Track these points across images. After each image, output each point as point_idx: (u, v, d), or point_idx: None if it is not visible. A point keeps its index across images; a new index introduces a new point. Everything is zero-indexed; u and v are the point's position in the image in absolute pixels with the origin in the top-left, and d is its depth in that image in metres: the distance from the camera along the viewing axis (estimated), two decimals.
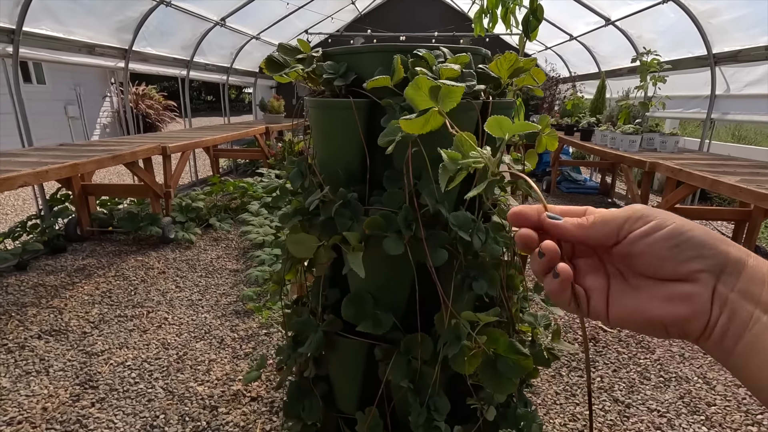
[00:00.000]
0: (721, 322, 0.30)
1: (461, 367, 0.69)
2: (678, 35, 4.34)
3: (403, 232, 0.72)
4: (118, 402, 1.83)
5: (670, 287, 0.32)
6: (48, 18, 3.42)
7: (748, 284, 0.30)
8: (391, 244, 0.71)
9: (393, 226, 0.72)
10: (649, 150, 3.98)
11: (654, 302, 0.32)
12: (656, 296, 0.32)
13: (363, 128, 0.78)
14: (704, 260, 0.31)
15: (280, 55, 0.86)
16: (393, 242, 0.71)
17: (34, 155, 2.95)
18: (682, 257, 0.31)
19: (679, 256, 0.31)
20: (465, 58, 0.70)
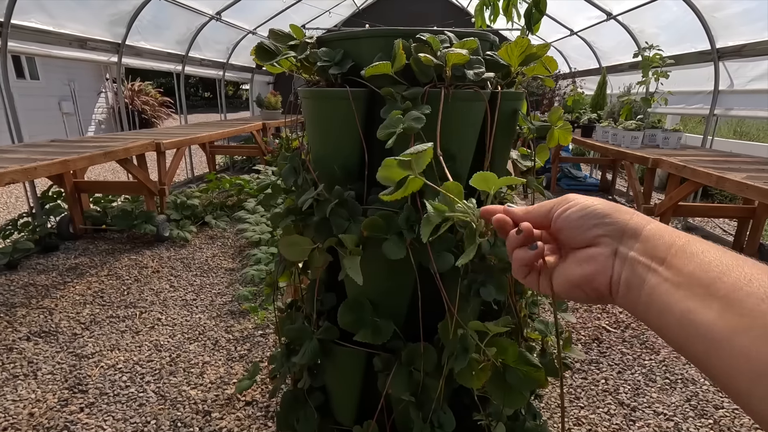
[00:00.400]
0: (624, 276, 0.34)
1: (468, 381, 0.64)
2: (681, 29, 4.27)
3: (404, 234, 0.66)
4: (107, 407, 1.77)
5: (582, 252, 0.38)
6: (38, 11, 3.33)
7: (644, 244, 0.34)
8: (392, 247, 0.65)
9: (394, 227, 0.66)
10: (652, 146, 3.93)
11: (572, 267, 0.39)
12: (573, 262, 0.39)
13: (361, 120, 0.71)
14: (605, 227, 0.37)
15: (272, 43, 0.79)
16: (394, 245, 0.65)
17: (23, 151, 2.87)
18: (588, 225, 0.37)
19: (586, 224, 0.38)
20: (473, 43, 0.63)
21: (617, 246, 0.36)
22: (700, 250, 0.32)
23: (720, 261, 0.30)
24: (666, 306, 0.31)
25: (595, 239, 0.37)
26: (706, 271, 0.30)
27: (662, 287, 0.31)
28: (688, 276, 0.30)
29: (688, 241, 0.33)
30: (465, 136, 0.69)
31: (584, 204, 0.38)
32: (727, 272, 0.29)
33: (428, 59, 0.58)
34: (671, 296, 0.31)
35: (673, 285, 0.31)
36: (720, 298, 0.28)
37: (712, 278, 0.29)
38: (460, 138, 0.68)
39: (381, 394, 0.79)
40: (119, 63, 4.44)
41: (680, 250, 0.32)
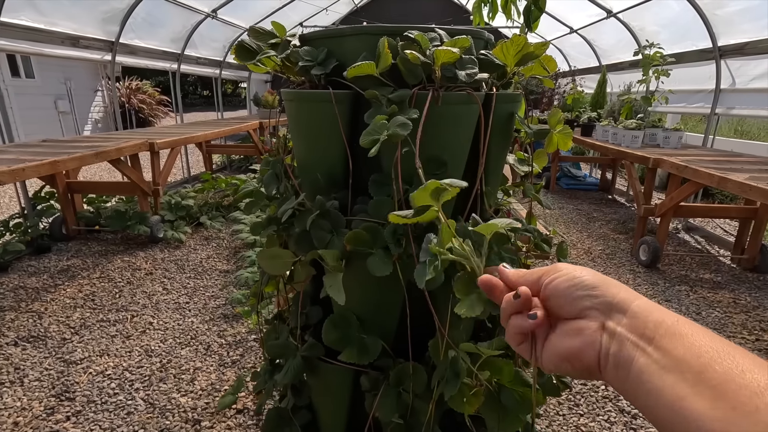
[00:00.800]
0: (612, 351, 0.33)
1: (460, 407, 0.59)
2: (682, 27, 4.22)
3: (391, 248, 0.61)
4: (94, 415, 1.72)
5: (569, 324, 0.37)
6: (28, 8, 3.27)
7: (633, 320, 0.33)
8: (377, 263, 0.60)
9: (380, 241, 0.61)
10: (652, 146, 3.88)
11: (559, 339, 0.37)
12: (561, 334, 0.37)
13: (345, 125, 0.66)
14: (593, 299, 0.36)
15: (252, 41, 0.74)
16: (379, 261, 0.60)
17: (13, 152, 2.82)
18: (576, 295, 0.37)
19: (574, 294, 0.37)
20: (465, 42, 0.58)
21: (605, 320, 0.35)
22: (689, 332, 0.31)
23: (710, 346, 0.30)
24: (656, 390, 0.30)
25: (582, 311, 0.36)
26: (697, 356, 0.29)
27: (652, 369, 0.30)
28: (678, 360, 0.29)
29: (677, 321, 0.32)
30: (457, 141, 0.65)
31: (572, 275, 0.38)
32: (718, 359, 0.28)
33: (415, 57, 0.53)
34: (661, 380, 0.30)
35: (662, 368, 0.30)
36: (712, 387, 0.27)
37: (703, 364, 0.28)
38: (451, 143, 0.63)
39: (369, 414, 0.74)
40: (113, 61, 4.38)
41: (669, 330, 0.31)
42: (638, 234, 3.43)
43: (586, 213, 4.65)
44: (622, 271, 3.17)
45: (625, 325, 0.33)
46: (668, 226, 3.21)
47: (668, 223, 3.19)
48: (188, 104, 21.79)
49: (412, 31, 0.60)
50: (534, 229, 0.72)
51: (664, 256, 3.33)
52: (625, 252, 3.54)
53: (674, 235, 3.98)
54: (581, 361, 0.35)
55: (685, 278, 3.05)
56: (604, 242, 3.77)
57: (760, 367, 0.27)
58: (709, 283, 2.98)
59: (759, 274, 3.10)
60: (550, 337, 0.38)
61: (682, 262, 3.35)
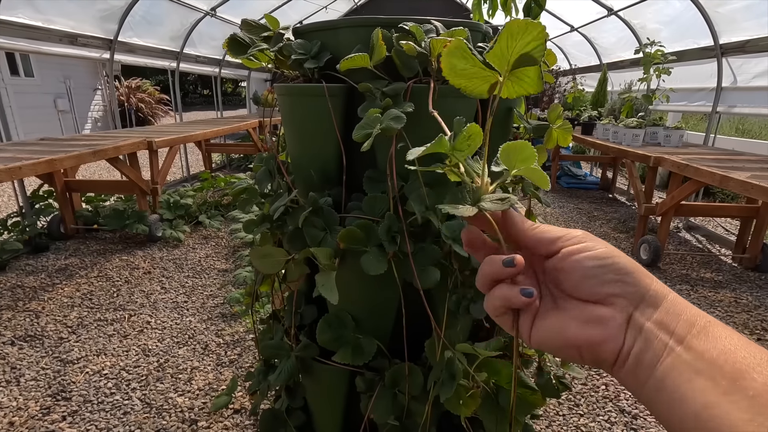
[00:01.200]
0: (635, 350, 0.30)
1: (456, 409, 0.57)
2: (683, 25, 4.19)
3: (385, 246, 0.59)
4: (91, 415, 1.71)
5: (588, 309, 0.32)
6: (25, 5, 3.25)
7: (664, 316, 0.30)
8: (372, 261, 0.58)
9: (374, 238, 0.60)
10: (653, 144, 3.86)
11: (572, 323, 0.32)
12: (575, 317, 0.32)
13: (339, 119, 0.65)
14: (624, 285, 0.31)
15: (245, 34, 0.73)
16: (374, 259, 0.59)
17: (10, 150, 2.80)
18: (605, 278, 0.32)
19: (602, 276, 0.32)
20: (462, 33, 0.57)
21: (632, 311, 0.30)
22: (724, 335, 0.28)
23: (748, 352, 0.27)
24: (682, 395, 0.27)
25: (608, 297, 0.31)
26: (731, 362, 0.26)
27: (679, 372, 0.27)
28: (710, 363, 0.27)
29: (710, 321, 0.29)
30: None
31: (603, 252, 0.32)
32: (758, 368, 0.26)
33: (411, 48, 0.51)
34: (690, 384, 0.26)
35: (693, 371, 0.27)
36: (751, 398, 0.24)
37: (738, 371, 0.26)
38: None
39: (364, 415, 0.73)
40: (111, 60, 4.36)
41: (702, 330, 0.28)
42: (639, 233, 3.41)
43: (586, 212, 4.63)
44: None
45: (655, 321, 0.30)
46: (669, 225, 3.19)
47: (669, 222, 3.18)
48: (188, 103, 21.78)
49: (407, 23, 0.58)
50: None
51: (665, 255, 3.31)
52: (626, 251, 3.51)
53: (675, 234, 3.96)
54: (597, 354, 0.31)
55: (686, 277, 3.03)
56: None
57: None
58: (710, 282, 2.96)
59: (760, 273, 3.08)
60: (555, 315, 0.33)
61: (683, 261, 3.33)
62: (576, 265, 0.32)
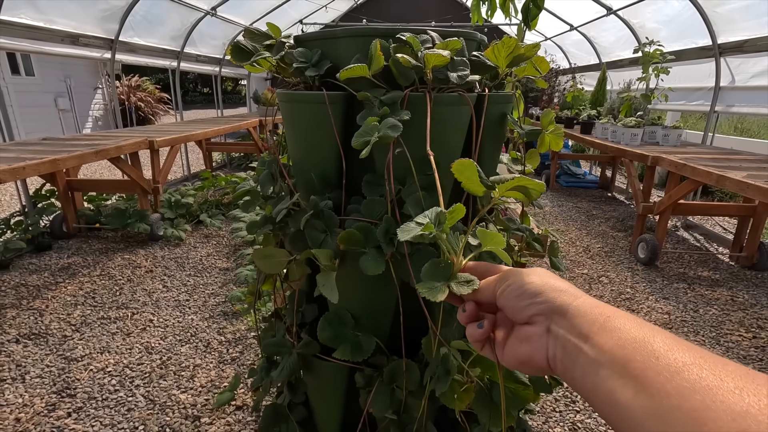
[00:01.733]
0: (558, 356, 0.35)
1: (451, 403, 0.60)
2: (682, 25, 4.21)
3: (383, 247, 0.62)
4: (95, 412, 1.74)
5: (521, 330, 0.39)
6: (27, 6, 3.27)
7: (572, 320, 0.35)
8: (370, 262, 0.61)
9: (372, 240, 0.62)
10: (651, 143, 3.88)
11: (515, 344, 0.39)
12: (516, 339, 0.39)
13: (339, 126, 0.67)
14: (537, 305, 0.37)
15: (248, 42, 0.75)
16: (372, 260, 0.61)
17: (13, 150, 2.83)
18: (522, 305, 0.39)
19: (520, 303, 0.39)
20: (456, 44, 0.59)
21: (549, 324, 0.36)
22: (619, 326, 0.32)
23: (635, 337, 0.30)
24: (594, 385, 0.31)
25: (530, 318, 0.38)
26: (622, 348, 0.30)
27: (589, 366, 0.31)
28: (608, 354, 0.30)
29: (609, 316, 0.33)
30: (449, 142, 0.65)
31: (519, 283, 0.39)
32: (639, 349, 0.29)
33: (406, 60, 0.54)
34: (596, 376, 0.31)
35: (597, 364, 0.31)
36: (634, 377, 0.28)
37: (627, 356, 0.29)
38: (443, 145, 0.64)
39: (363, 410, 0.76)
40: (112, 59, 4.38)
41: (602, 327, 0.32)
42: (637, 232, 3.44)
43: (585, 211, 4.66)
44: (621, 269, 3.18)
45: (565, 327, 0.34)
46: (667, 223, 3.21)
47: (667, 220, 3.20)
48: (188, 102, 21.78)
49: (404, 33, 0.61)
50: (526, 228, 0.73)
51: (663, 253, 3.34)
52: (624, 250, 3.55)
53: (673, 233, 3.98)
54: (534, 365, 0.37)
55: (684, 276, 3.06)
56: (603, 240, 3.78)
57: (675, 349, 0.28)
58: (707, 280, 2.99)
59: (757, 272, 3.11)
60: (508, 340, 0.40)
61: (681, 259, 3.36)
62: (504, 301, 0.40)
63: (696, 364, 0.27)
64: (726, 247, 3.54)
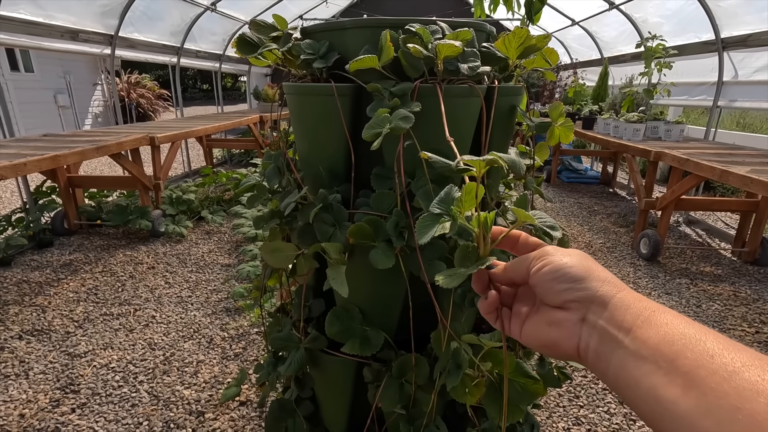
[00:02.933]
0: (593, 345, 0.34)
1: (462, 397, 0.60)
2: (685, 19, 4.19)
3: (393, 241, 0.61)
4: (99, 407, 1.74)
5: (551, 314, 0.38)
6: (26, 2, 3.25)
7: (613, 312, 0.34)
8: (380, 255, 0.60)
9: (382, 234, 0.62)
10: (654, 139, 3.87)
11: (542, 326, 0.39)
12: (544, 321, 0.39)
13: (347, 118, 0.67)
14: (576, 292, 0.36)
15: (254, 34, 0.74)
16: (382, 253, 0.60)
17: (14, 146, 2.82)
18: (559, 288, 0.37)
19: (557, 287, 0.37)
20: (467, 34, 0.58)
21: (585, 313, 0.36)
22: (666, 321, 0.31)
23: (684, 333, 0.30)
24: (633, 379, 0.30)
25: (565, 303, 0.37)
26: (670, 344, 0.29)
27: (629, 360, 0.31)
28: (653, 349, 0.30)
29: (655, 311, 0.32)
30: (459, 134, 0.65)
31: (558, 264, 0.38)
32: (690, 346, 0.29)
33: (417, 51, 0.53)
34: (638, 369, 0.30)
35: (639, 358, 0.30)
36: (683, 374, 0.27)
37: (675, 352, 0.29)
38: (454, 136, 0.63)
39: (372, 405, 0.75)
40: (112, 55, 4.36)
41: (646, 321, 0.32)
42: (639, 227, 3.43)
43: (587, 206, 4.65)
44: (623, 264, 3.18)
45: (606, 318, 0.34)
46: (669, 219, 3.21)
47: (669, 216, 3.19)
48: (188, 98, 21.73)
49: (413, 24, 0.60)
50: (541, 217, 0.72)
51: (665, 249, 3.33)
52: (626, 245, 3.54)
53: (675, 228, 3.98)
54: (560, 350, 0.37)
55: (686, 271, 3.06)
56: (604, 235, 3.77)
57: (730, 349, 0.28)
58: (709, 276, 2.99)
59: (759, 267, 3.11)
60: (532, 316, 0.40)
61: (683, 255, 3.36)
62: (539, 280, 0.39)
63: (754, 365, 0.26)
64: (728, 243, 3.53)
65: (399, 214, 0.62)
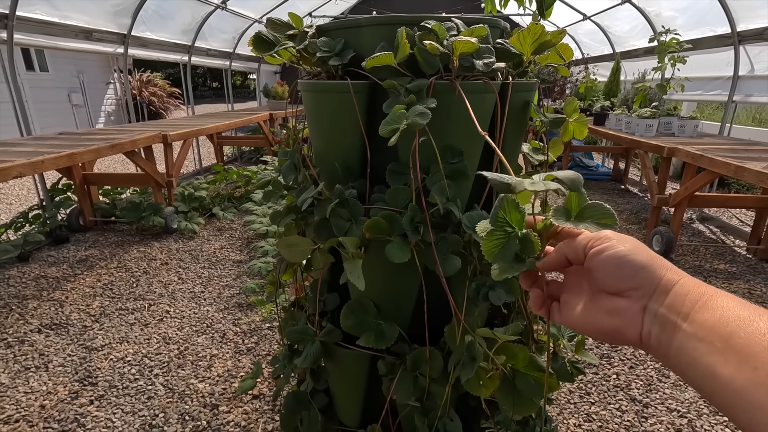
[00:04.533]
0: (654, 332, 0.36)
1: (476, 390, 0.61)
2: (699, 12, 4.12)
3: (408, 235, 0.62)
4: (117, 399, 1.78)
5: (610, 302, 0.38)
6: (42, 2, 3.31)
7: (674, 299, 0.35)
8: (396, 250, 0.61)
9: (397, 228, 0.62)
10: (667, 134, 3.82)
11: (600, 315, 0.39)
12: (601, 309, 0.39)
13: (363, 115, 0.68)
14: (639, 279, 0.37)
15: (270, 32, 0.76)
16: (397, 248, 0.61)
17: (31, 144, 2.88)
18: (623, 275, 0.37)
19: (621, 274, 0.38)
20: (482, 31, 0.59)
21: (647, 302, 0.36)
22: (722, 305, 0.33)
23: (738, 315, 0.31)
24: (692, 360, 0.32)
25: (626, 291, 0.37)
26: (725, 325, 0.31)
27: (688, 342, 0.33)
28: (709, 330, 0.32)
29: (713, 295, 0.34)
30: (473, 130, 0.65)
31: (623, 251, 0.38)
32: (743, 326, 0.30)
33: (434, 47, 0.54)
34: (695, 351, 0.32)
35: (696, 340, 0.32)
36: (737, 352, 0.29)
37: (729, 332, 0.31)
38: (467, 133, 0.64)
39: (386, 398, 0.76)
40: (125, 54, 4.42)
41: (704, 305, 0.33)
42: (651, 224, 3.40)
43: None
44: None
45: (667, 305, 0.35)
46: (682, 216, 3.17)
47: (682, 213, 3.16)
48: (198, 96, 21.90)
49: (429, 21, 0.60)
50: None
51: (678, 246, 3.29)
52: None
53: (688, 225, 3.93)
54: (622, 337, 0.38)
55: (699, 269, 3.02)
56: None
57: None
58: (723, 273, 2.95)
59: None
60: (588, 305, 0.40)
61: (696, 252, 3.31)
62: (600, 265, 0.38)
63: None
64: (743, 240, 3.48)
65: (414, 209, 0.63)
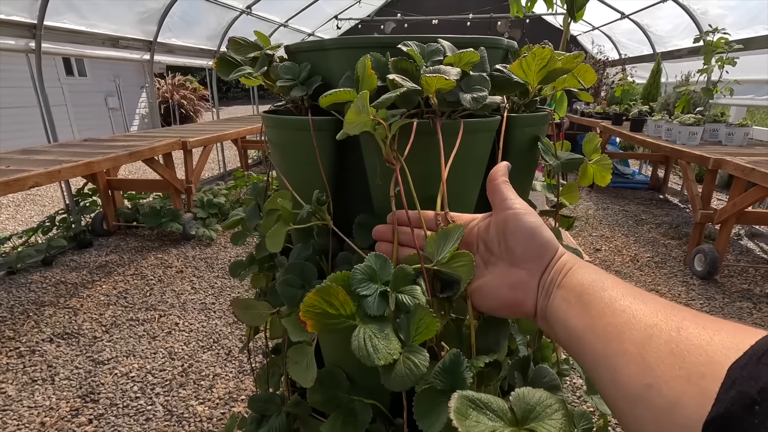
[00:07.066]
0: (540, 304, 0.38)
1: None
2: (752, 10, 3.77)
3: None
4: (115, 419, 1.74)
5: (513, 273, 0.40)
6: (69, 11, 3.38)
7: (557, 270, 0.38)
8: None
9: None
10: (713, 143, 3.50)
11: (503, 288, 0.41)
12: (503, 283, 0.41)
13: (328, 156, 0.56)
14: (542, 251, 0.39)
15: (233, 53, 0.65)
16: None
17: (54, 152, 2.93)
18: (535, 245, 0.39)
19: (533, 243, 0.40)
20: (473, 56, 0.46)
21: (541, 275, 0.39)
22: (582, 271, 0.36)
23: (593, 278, 0.35)
24: (558, 319, 0.35)
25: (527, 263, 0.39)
26: (580, 285, 0.35)
27: (558, 304, 0.36)
28: (569, 290, 0.35)
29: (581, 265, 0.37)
30: (465, 174, 0.53)
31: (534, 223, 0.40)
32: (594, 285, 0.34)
33: (397, 83, 0.42)
34: (559, 309, 0.35)
35: (564, 301, 0.35)
36: (583, 305, 0.34)
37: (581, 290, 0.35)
38: (457, 178, 0.52)
39: None
40: (151, 60, 4.49)
41: (570, 271, 0.37)
42: (694, 241, 3.11)
43: (633, 215, 4.31)
44: (673, 283, 2.89)
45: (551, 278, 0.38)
46: (729, 234, 2.88)
47: (730, 230, 2.87)
48: (230, 98, 22.46)
49: (408, 42, 0.48)
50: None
51: (724, 266, 3.00)
52: (678, 260, 3.23)
53: (736, 242, 3.59)
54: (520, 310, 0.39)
55: (748, 293, 2.73)
56: (653, 248, 3.46)
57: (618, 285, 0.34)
58: None
59: None
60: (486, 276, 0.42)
61: (745, 273, 3.01)
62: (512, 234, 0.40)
63: (629, 294, 0.32)
64: None
65: None
